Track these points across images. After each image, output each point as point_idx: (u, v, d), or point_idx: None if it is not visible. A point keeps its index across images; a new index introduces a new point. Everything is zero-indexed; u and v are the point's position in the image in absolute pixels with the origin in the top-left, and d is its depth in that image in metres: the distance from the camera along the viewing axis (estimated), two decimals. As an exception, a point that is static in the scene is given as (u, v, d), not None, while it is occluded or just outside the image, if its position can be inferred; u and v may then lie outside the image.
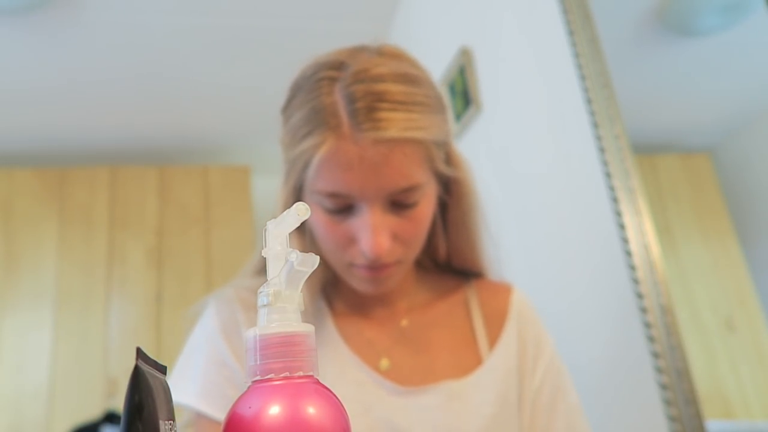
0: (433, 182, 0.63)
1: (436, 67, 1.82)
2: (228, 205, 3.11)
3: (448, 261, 0.74)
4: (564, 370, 0.72)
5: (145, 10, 2.11)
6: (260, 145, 3.20)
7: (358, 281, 0.64)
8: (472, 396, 0.64)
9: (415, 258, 0.66)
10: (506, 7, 1.42)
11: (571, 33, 1.11)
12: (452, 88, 1.71)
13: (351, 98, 0.57)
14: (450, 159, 0.66)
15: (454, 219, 0.70)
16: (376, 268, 0.61)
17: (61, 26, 2.15)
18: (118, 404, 2.65)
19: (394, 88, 0.57)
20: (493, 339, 0.69)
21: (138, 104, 2.78)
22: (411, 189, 0.58)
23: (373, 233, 0.57)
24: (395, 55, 0.62)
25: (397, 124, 0.56)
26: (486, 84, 1.54)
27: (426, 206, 0.62)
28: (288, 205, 0.63)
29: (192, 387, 0.63)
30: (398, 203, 0.59)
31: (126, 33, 2.23)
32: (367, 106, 0.56)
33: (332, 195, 0.58)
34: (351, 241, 0.60)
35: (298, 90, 0.61)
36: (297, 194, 0.63)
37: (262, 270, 0.71)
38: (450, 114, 1.72)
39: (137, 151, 3.23)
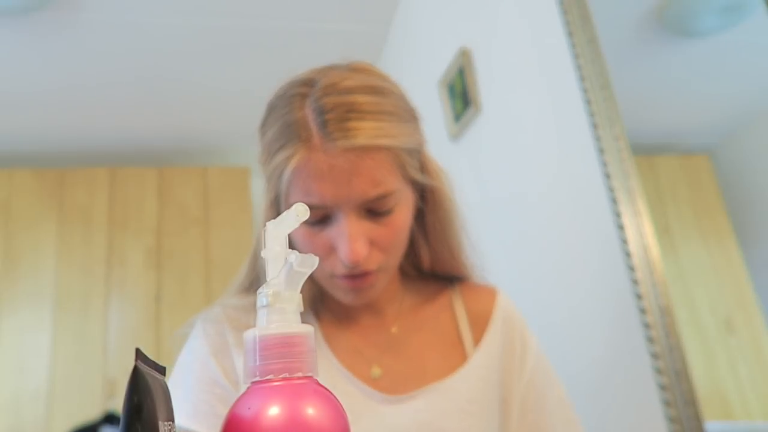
0: (407, 190, 0.64)
1: (436, 68, 1.82)
2: (227, 206, 3.11)
3: (432, 268, 0.74)
4: (549, 367, 0.73)
5: (144, 12, 2.11)
6: (260, 146, 3.19)
7: (342, 292, 0.64)
8: (459, 393, 0.65)
9: (396, 266, 0.67)
10: (506, 8, 1.42)
11: (570, 34, 1.11)
12: (452, 89, 1.71)
13: (320, 110, 0.58)
14: (424, 167, 0.67)
15: (432, 226, 0.71)
16: (357, 277, 0.61)
17: (61, 27, 2.15)
18: (118, 405, 2.64)
19: (362, 99, 0.59)
20: (477, 339, 0.71)
21: (137, 105, 2.78)
22: (384, 196, 0.59)
23: (349, 240, 0.58)
24: (364, 70, 0.63)
25: (365, 132, 0.57)
26: (485, 85, 1.54)
27: (402, 213, 0.62)
28: (270, 219, 0.65)
29: (182, 408, 0.63)
30: (373, 211, 0.60)
31: (126, 34, 2.23)
32: (336, 117, 0.57)
33: (308, 207, 0.60)
34: (330, 250, 0.61)
35: (272, 109, 0.63)
36: (276, 208, 0.63)
37: (249, 287, 0.71)
38: (445, 122, 1.73)
39: (137, 152, 3.22)
